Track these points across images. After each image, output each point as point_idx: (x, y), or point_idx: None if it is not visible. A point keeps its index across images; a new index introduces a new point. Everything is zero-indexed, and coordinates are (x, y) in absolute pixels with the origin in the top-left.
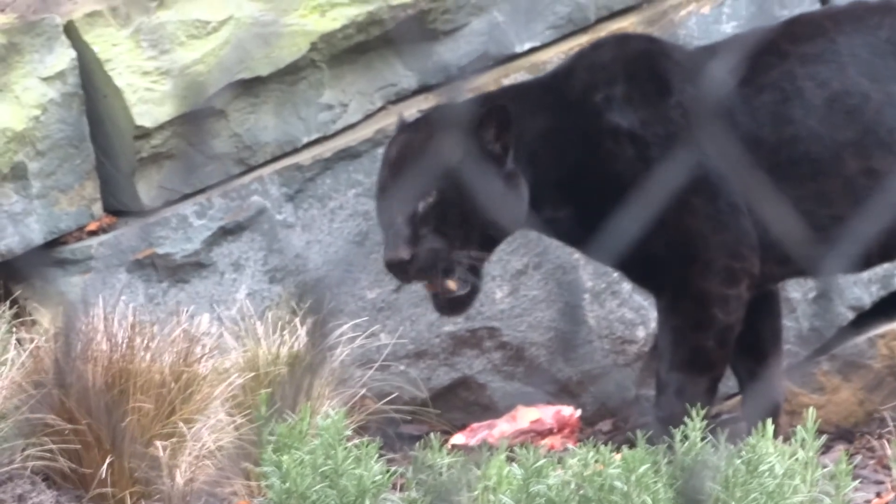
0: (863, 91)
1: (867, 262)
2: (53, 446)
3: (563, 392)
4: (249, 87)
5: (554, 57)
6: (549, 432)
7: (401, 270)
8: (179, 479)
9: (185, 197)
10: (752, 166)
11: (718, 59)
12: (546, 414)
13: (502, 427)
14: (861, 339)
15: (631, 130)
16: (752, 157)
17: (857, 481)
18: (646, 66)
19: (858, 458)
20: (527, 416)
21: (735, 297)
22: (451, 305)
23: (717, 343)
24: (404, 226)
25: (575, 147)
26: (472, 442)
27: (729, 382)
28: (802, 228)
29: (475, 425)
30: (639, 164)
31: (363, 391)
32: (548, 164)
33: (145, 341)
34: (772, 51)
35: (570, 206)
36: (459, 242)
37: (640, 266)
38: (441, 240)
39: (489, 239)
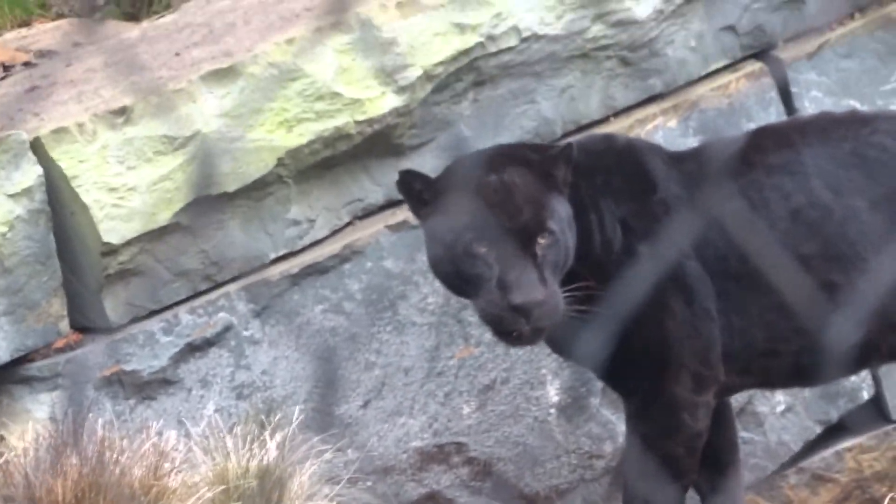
0: (826, 204)
1: (829, 375)
2: None
3: None
4: (216, 203)
5: None
6: None
7: (525, 314)
8: None
9: (153, 313)
10: (725, 271)
11: (694, 163)
12: None
13: None
14: (829, 452)
15: (624, 219)
16: (721, 264)
17: None
18: (633, 161)
19: None
20: None
21: (703, 403)
22: (534, 335)
23: (687, 450)
24: (532, 267)
25: (585, 217)
26: None
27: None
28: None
29: None
30: (624, 257)
31: None
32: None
33: (115, 455)
34: (740, 160)
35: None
36: (559, 280)
37: (614, 365)
38: (556, 279)
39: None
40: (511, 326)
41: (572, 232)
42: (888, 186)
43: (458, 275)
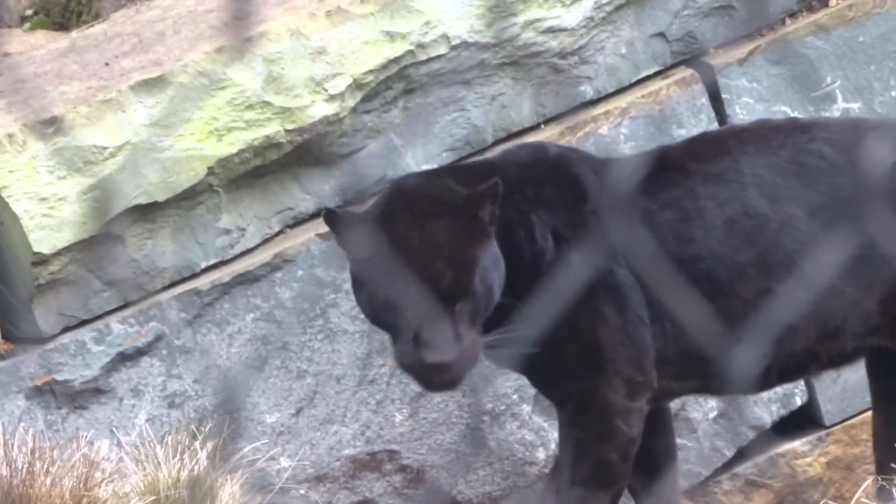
0: (762, 213)
1: (766, 383)
2: None
3: None
4: (147, 213)
5: None
6: None
7: (437, 372)
8: None
9: (84, 323)
10: (658, 280)
11: (628, 172)
12: None
13: None
14: (762, 458)
15: (556, 228)
16: (656, 273)
17: None
18: (565, 171)
19: None
20: None
21: (637, 409)
22: (450, 384)
23: (620, 456)
24: (448, 325)
25: (514, 234)
26: None
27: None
28: (708, 343)
29: None
30: (556, 266)
31: None
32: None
33: (45, 466)
34: (676, 168)
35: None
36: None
37: (547, 372)
38: (478, 324)
39: None
40: (421, 380)
41: (500, 271)
42: (826, 194)
43: (376, 319)
